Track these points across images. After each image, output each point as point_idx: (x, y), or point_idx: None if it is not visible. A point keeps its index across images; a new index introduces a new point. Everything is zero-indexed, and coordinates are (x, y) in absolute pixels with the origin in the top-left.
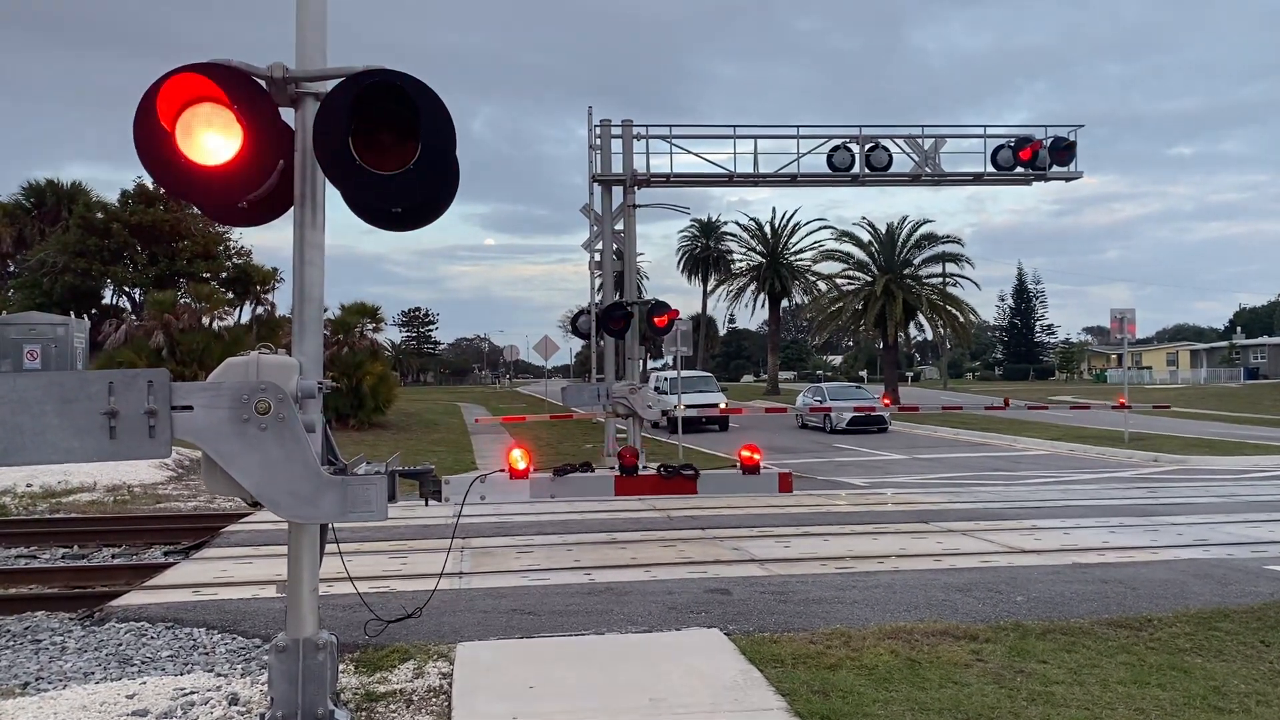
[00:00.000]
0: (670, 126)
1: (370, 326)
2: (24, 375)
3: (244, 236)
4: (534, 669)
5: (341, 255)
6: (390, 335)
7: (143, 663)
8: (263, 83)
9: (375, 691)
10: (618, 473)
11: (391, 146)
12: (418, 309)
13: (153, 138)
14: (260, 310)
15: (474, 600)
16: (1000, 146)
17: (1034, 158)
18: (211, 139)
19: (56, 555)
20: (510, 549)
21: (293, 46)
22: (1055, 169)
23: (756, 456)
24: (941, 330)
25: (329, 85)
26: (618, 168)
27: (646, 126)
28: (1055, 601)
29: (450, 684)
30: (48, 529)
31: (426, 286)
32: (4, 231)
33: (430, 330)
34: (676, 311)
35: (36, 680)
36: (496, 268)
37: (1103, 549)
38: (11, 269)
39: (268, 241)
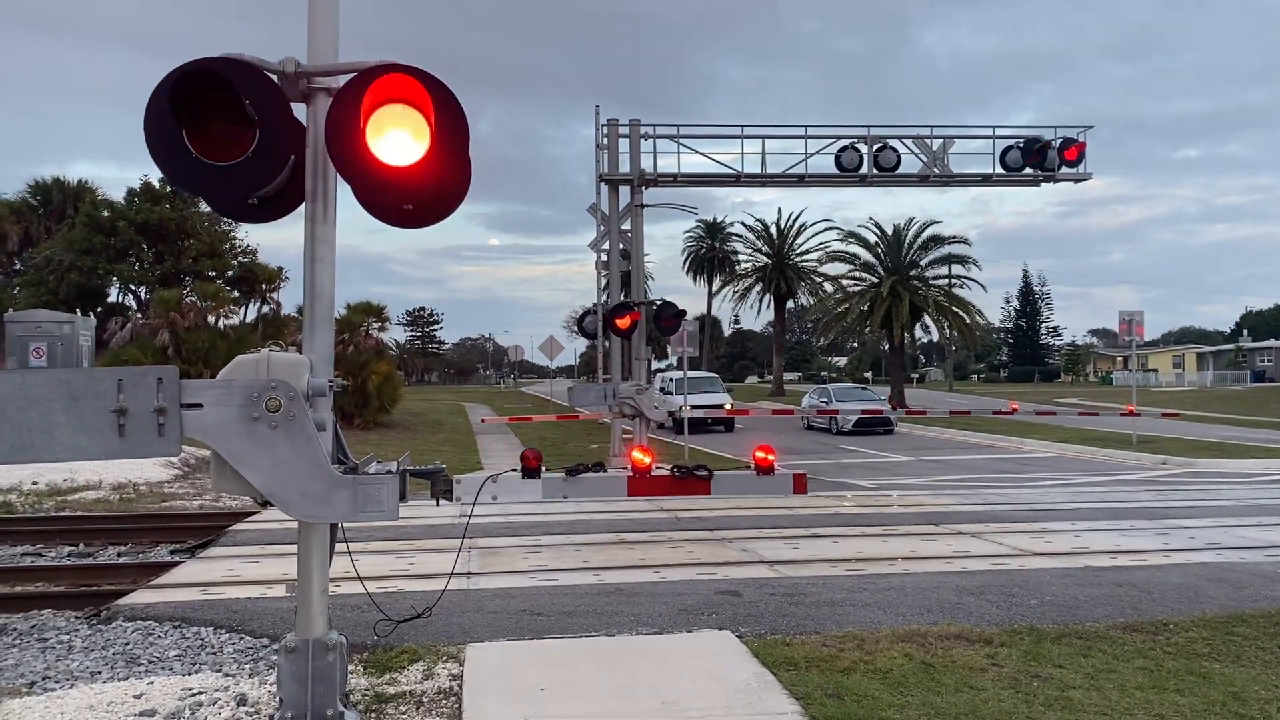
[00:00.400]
0: (678, 126)
1: (376, 326)
2: (31, 373)
3: (249, 235)
4: (545, 671)
5: (347, 255)
6: (395, 335)
7: (150, 662)
8: (274, 78)
9: (385, 693)
10: (630, 473)
11: (403, 142)
12: (422, 309)
13: (164, 133)
14: (266, 309)
15: (483, 601)
16: (1009, 147)
17: (1043, 159)
18: (223, 134)
19: (63, 553)
20: (518, 549)
21: (301, 46)
22: (1064, 170)
23: (771, 458)
24: (948, 332)
25: (341, 80)
26: (625, 167)
27: (654, 126)
28: (1069, 605)
29: (460, 685)
30: (54, 526)
31: (431, 286)
32: (10, 229)
33: (435, 330)
34: (684, 312)
35: (43, 680)
36: (501, 268)
37: (1114, 552)
38: (18, 267)
39: (273, 240)
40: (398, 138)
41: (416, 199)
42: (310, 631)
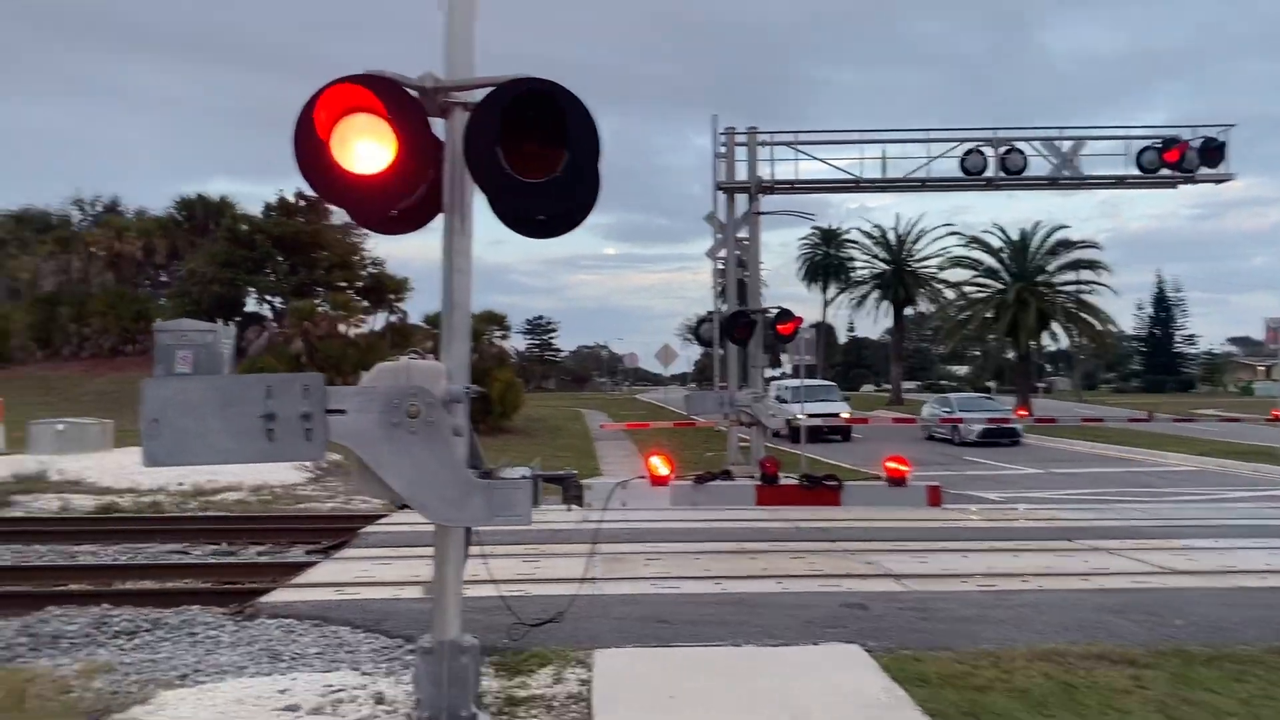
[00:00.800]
0: (795, 133)
1: (498, 334)
2: (188, 379)
3: (377, 246)
4: (672, 679)
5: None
6: (515, 342)
7: (292, 659)
8: (414, 93)
9: (515, 696)
10: (759, 482)
11: (537, 155)
12: (540, 317)
13: (310, 147)
14: (393, 318)
15: (608, 607)
16: (1145, 148)
17: (1181, 159)
18: (366, 148)
19: (207, 552)
20: (639, 556)
21: (427, 64)
22: (1204, 171)
23: (904, 469)
24: (1077, 339)
25: (477, 95)
26: (742, 175)
27: (771, 134)
28: (1218, 626)
29: (590, 691)
30: (198, 526)
31: (550, 295)
32: (159, 243)
33: (552, 338)
34: (800, 319)
35: (194, 672)
36: (616, 276)
37: (1265, 572)
38: (164, 279)
39: (397, 251)
40: (533, 151)
41: (550, 210)
42: (445, 633)
